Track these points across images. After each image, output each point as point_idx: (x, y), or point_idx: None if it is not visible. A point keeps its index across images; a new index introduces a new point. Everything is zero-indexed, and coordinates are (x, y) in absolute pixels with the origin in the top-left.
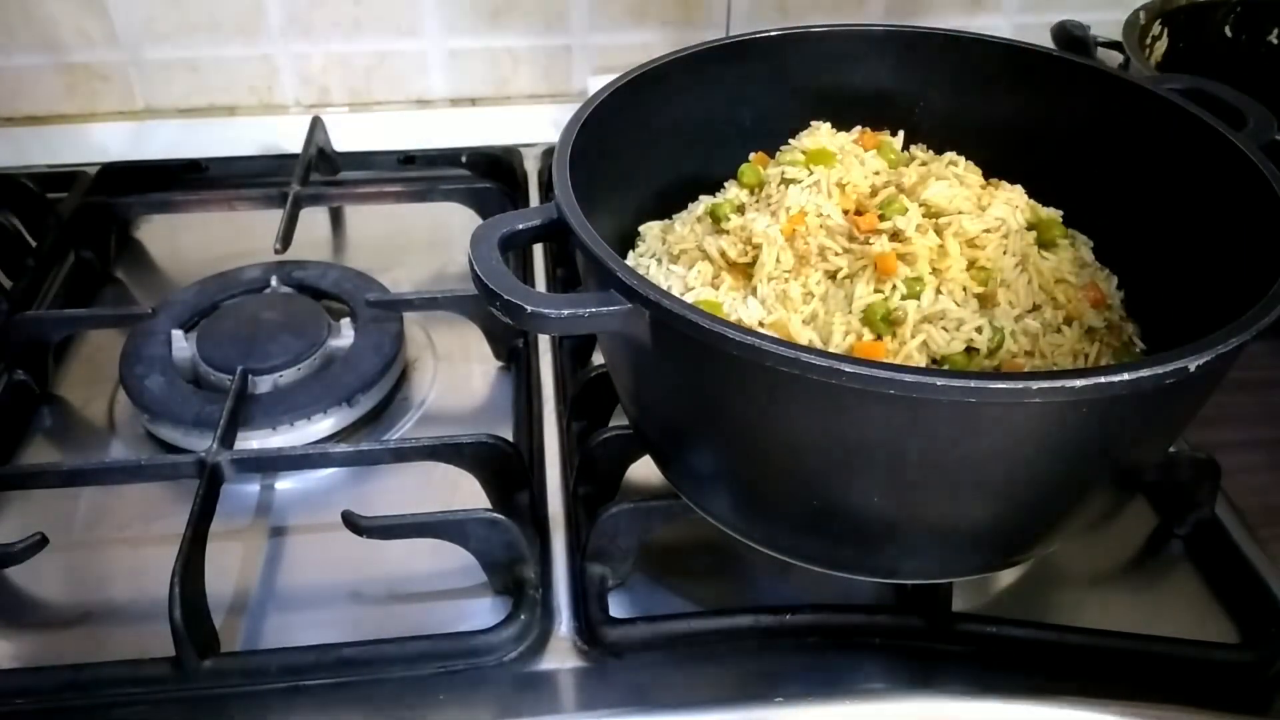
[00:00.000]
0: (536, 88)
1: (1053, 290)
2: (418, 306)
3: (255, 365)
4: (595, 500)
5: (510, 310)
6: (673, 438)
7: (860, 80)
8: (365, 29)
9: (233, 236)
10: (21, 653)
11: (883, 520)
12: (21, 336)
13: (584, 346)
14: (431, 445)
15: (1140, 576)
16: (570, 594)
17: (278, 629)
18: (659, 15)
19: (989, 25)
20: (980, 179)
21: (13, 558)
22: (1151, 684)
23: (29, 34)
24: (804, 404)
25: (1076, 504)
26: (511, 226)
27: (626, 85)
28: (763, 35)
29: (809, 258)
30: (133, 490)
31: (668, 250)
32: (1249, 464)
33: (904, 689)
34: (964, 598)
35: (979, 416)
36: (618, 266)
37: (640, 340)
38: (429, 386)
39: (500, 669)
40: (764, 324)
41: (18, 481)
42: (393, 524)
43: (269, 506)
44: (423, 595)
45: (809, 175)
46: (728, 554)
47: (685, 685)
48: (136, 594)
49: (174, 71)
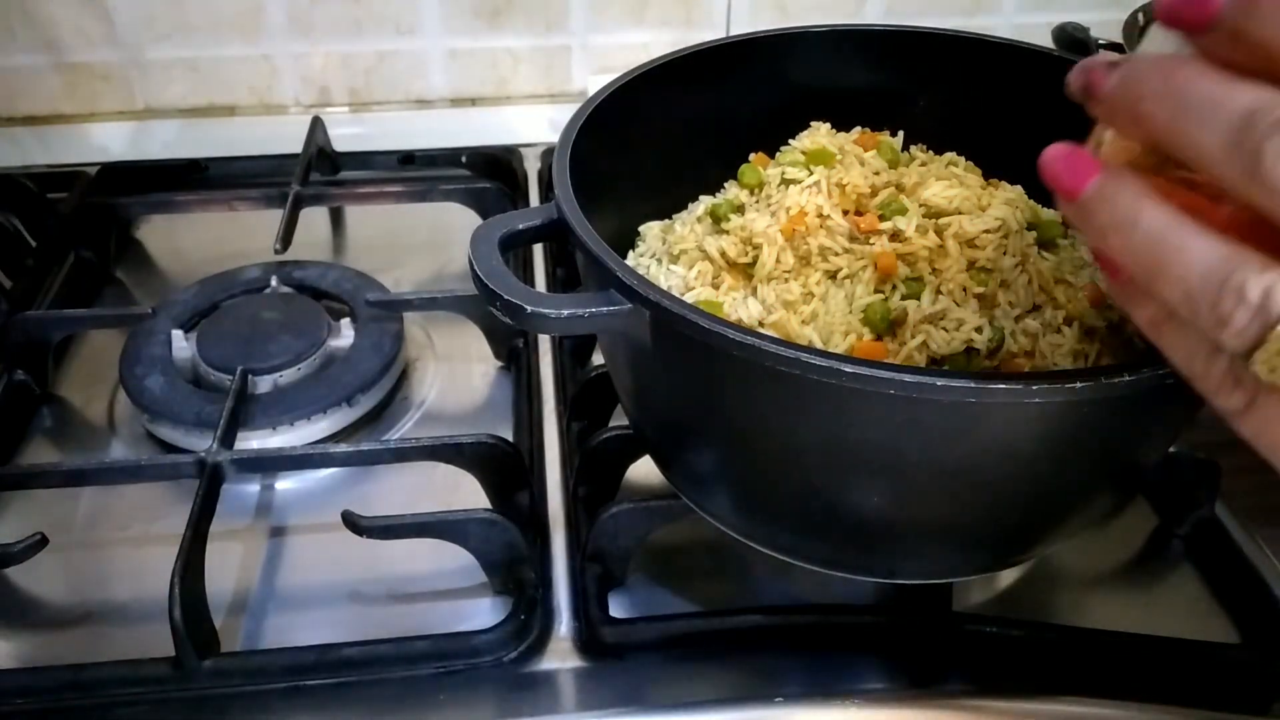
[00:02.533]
0: (536, 88)
1: (1053, 290)
2: (418, 306)
3: (255, 365)
4: (595, 500)
5: (510, 310)
6: (673, 438)
7: (860, 80)
8: (365, 29)
9: (233, 236)
10: (21, 653)
11: (883, 520)
12: (21, 336)
13: (584, 346)
14: (431, 445)
15: (1140, 576)
16: (570, 594)
17: (278, 629)
18: (659, 15)
19: (989, 25)
20: (980, 179)
21: (13, 558)
22: (1151, 684)
23: (29, 34)
24: (804, 404)
25: (1077, 504)
26: (511, 226)
27: (626, 85)
28: (763, 35)
29: (809, 258)
30: (133, 490)
31: (668, 250)
32: (1249, 464)
33: (904, 689)
34: (964, 598)
35: (979, 416)
36: (618, 266)
37: (640, 340)
38: (429, 386)
39: (500, 669)
40: (764, 324)
41: (18, 481)
42: (393, 524)
43: (269, 506)
44: (423, 595)
45: (809, 175)
46: (728, 554)
47: (685, 685)
48: (136, 594)
49: (174, 71)
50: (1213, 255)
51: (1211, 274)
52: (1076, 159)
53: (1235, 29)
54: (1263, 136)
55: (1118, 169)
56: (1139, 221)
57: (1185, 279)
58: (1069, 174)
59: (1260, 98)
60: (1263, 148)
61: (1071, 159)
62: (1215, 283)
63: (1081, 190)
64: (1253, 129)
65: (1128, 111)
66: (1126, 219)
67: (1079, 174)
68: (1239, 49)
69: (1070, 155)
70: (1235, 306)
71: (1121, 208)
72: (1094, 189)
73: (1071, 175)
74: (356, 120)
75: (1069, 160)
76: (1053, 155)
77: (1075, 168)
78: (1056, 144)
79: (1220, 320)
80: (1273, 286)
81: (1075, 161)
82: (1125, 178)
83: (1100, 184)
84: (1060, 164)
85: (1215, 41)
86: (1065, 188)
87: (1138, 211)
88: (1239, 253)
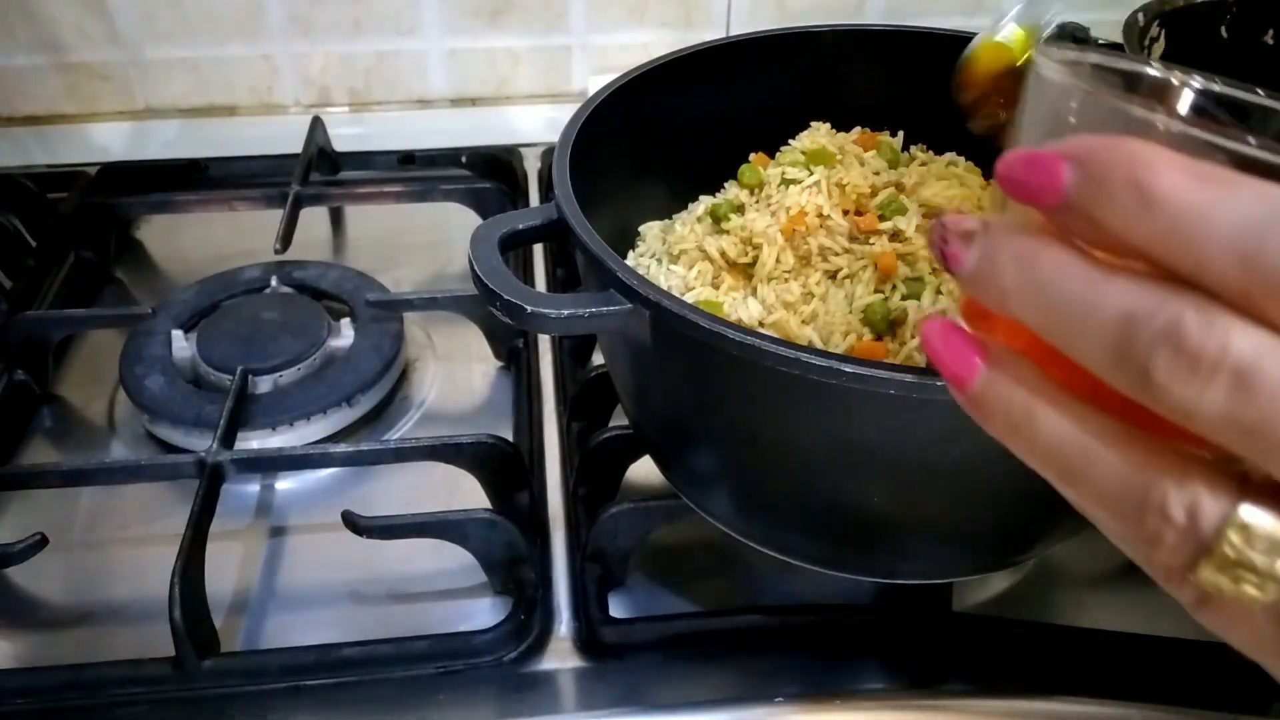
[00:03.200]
0: (536, 88)
1: None
2: (418, 306)
3: (255, 365)
4: (595, 500)
5: (510, 310)
6: (673, 438)
7: (860, 80)
8: (365, 29)
9: (233, 236)
10: (21, 653)
11: (882, 520)
12: (21, 336)
13: (584, 346)
14: (431, 445)
15: (1140, 576)
16: (570, 594)
17: (278, 629)
18: (659, 15)
19: (989, 25)
20: (980, 179)
21: (13, 558)
22: (1151, 684)
23: (29, 34)
24: (804, 404)
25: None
26: (511, 226)
27: (626, 85)
28: (763, 35)
29: (809, 258)
30: (133, 490)
31: (668, 250)
32: None
33: (904, 689)
34: (964, 598)
35: None
36: (618, 266)
37: (640, 340)
38: (429, 386)
39: (500, 669)
40: (764, 324)
41: (18, 481)
42: (393, 524)
43: (269, 506)
44: (423, 595)
45: (809, 175)
46: (728, 554)
47: (685, 685)
48: (136, 594)
49: (174, 71)
50: (1124, 468)
51: (1129, 491)
52: (956, 342)
53: (1087, 218)
54: (1146, 354)
55: (1002, 356)
56: (1037, 428)
57: (1102, 494)
58: (952, 361)
59: (1136, 299)
60: (1148, 367)
61: (949, 340)
62: (1134, 502)
63: (969, 383)
64: (1135, 342)
65: (994, 300)
66: (1024, 424)
67: (962, 361)
68: (1099, 235)
69: (947, 335)
70: (1161, 526)
71: (1017, 410)
72: (982, 383)
73: (955, 362)
74: (356, 120)
75: (947, 342)
76: (930, 336)
77: (957, 353)
78: (932, 321)
79: (1151, 540)
80: (1195, 503)
81: (955, 344)
82: (1015, 369)
83: (987, 378)
84: (942, 349)
85: (1073, 220)
86: (951, 379)
87: (1031, 414)
88: (1153, 459)
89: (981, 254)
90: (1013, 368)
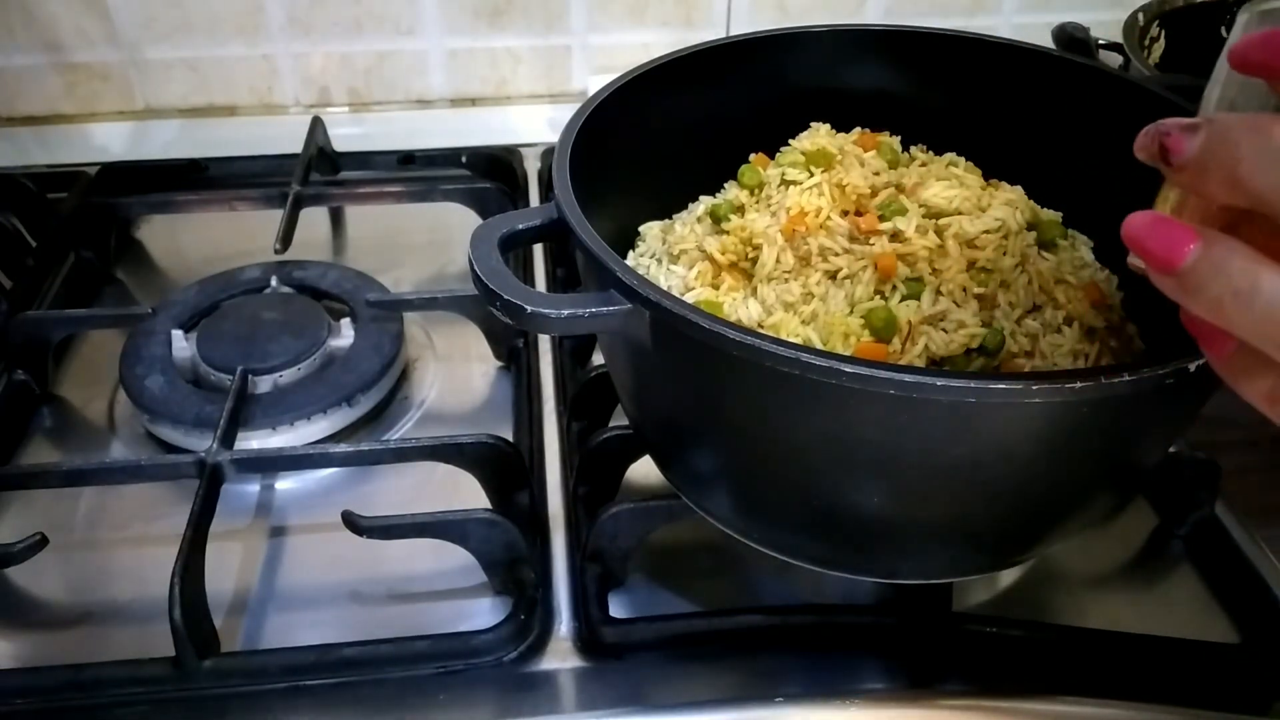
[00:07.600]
0: (536, 88)
1: (1053, 290)
2: (418, 306)
3: (255, 365)
4: (595, 500)
5: (510, 310)
6: (673, 438)
7: (860, 80)
8: (365, 29)
9: (233, 236)
10: (21, 653)
11: (883, 520)
12: (21, 336)
13: (584, 346)
14: (431, 445)
15: (1140, 576)
16: (570, 594)
17: (278, 629)
18: (659, 15)
19: (989, 25)
20: (980, 179)
21: (13, 558)
22: (1151, 684)
23: (29, 34)
24: (804, 404)
25: (1077, 504)
26: (511, 226)
27: (626, 85)
28: (763, 35)
29: (809, 258)
30: (133, 490)
31: (668, 250)
32: (1249, 464)
33: (904, 689)
34: (964, 598)
35: (979, 416)
36: (618, 266)
37: (640, 340)
38: (429, 386)
39: (500, 669)
40: (764, 324)
41: (18, 481)
42: (393, 524)
43: (269, 506)
44: (423, 595)
45: (809, 176)
46: (728, 554)
47: (685, 685)
48: (136, 594)
49: (174, 71)
50: None
51: None
52: (1166, 227)
53: None
54: None
55: (1217, 235)
56: (1259, 289)
57: None
58: (1161, 245)
59: None
60: None
61: (1160, 227)
62: None
63: (1180, 261)
64: None
65: (1223, 175)
66: (1244, 288)
67: (1173, 244)
68: None
69: (1158, 223)
70: None
71: (1236, 276)
72: (1195, 259)
73: (1165, 246)
74: (356, 120)
75: (1157, 229)
76: (1137, 226)
77: (1167, 237)
78: (1137, 214)
79: None
80: None
81: (1165, 230)
82: (1231, 244)
83: (1202, 253)
84: (1148, 235)
85: None
86: (1159, 260)
87: (1255, 278)
88: None
89: (1211, 134)
90: (1228, 242)
